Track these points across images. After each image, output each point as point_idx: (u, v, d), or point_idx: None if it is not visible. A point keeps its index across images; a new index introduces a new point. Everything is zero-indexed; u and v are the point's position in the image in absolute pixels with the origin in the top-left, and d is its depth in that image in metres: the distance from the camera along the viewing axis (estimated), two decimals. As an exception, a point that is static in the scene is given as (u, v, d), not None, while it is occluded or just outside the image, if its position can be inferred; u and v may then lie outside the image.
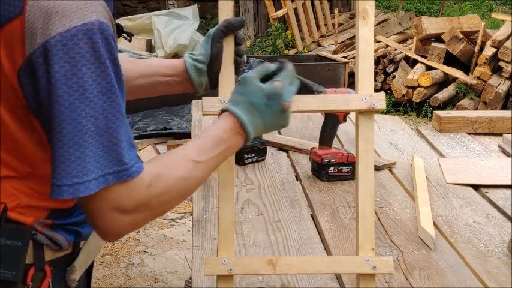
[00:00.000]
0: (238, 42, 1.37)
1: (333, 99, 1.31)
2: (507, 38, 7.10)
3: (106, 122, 1.03)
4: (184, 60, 1.44)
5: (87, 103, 1.00)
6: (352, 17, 10.03)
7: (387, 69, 7.50)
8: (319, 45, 9.15)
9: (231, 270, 1.25)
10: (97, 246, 1.31)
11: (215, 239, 1.54)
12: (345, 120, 2.09)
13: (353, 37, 8.72)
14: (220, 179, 1.28)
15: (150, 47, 7.26)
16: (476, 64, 7.22)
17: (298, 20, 9.09)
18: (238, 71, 1.36)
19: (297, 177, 2.10)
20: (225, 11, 1.36)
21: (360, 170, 1.27)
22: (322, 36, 9.51)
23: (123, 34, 1.25)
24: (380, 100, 1.28)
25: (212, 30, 1.38)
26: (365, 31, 1.29)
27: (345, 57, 7.37)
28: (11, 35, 1.01)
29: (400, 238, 1.66)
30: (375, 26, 8.27)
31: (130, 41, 1.30)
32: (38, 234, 1.14)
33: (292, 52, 8.84)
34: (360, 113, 1.29)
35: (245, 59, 1.40)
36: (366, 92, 1.28)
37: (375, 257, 1.25)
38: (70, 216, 1.20)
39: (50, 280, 1.17)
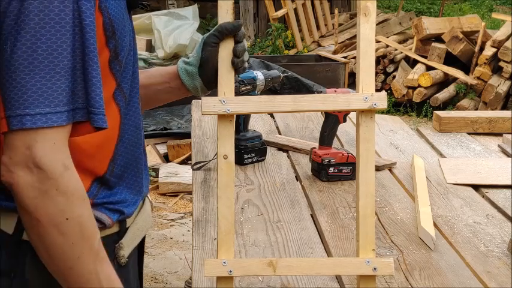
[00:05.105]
0: (238, 40, 1.35)
1: (334, 99, 1.30)
2: (507, 38, 7.10)
3: (82, 56, 1.05)
4: (177, 65, 1.47)
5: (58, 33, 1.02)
6: (352, 17, 10.02)
7: (387, 69, 7.50)
8: (319, 45, 9.14)
9: (230, 271, 1.25)
10: (145, 225, 1.32)
11: (215, 239, 1.54)
12: (345, 120, 2.09)
13: (353, 37, 8.71)
14: (220, 180, 1.27)
15: (150, 47, 7.25)
16: (476, 64, 7.22)
17: (298, 20, 9.08)
18: (237, 70, 1.34)
19: (297, 178, 2.09)
20: (225, 10, 1.35)
21: (360, 170, 1.27)
22: (322, 36, 9.50)
23: (140, 5, 1.27)
24: (381, 100, 1.27)
25: (206, 35, 1.39)
26: (366, 28, 1.28)
27: (345, 57, 7.36)
28: None
29: (400, 238, 1.65)
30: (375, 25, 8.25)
31: (148, 10, 1.35)
32: None
33: (292, 52, 8.83)
34: (361, 112, 1.28)
35: (245, 57, 1.37)
36: (367, 91, 1.27)
37: (375, 258, 1.25)
38: (110, 195, 1.20)
39: None
